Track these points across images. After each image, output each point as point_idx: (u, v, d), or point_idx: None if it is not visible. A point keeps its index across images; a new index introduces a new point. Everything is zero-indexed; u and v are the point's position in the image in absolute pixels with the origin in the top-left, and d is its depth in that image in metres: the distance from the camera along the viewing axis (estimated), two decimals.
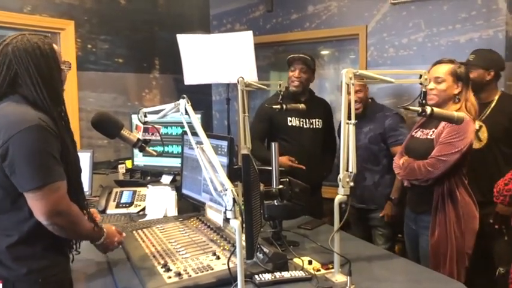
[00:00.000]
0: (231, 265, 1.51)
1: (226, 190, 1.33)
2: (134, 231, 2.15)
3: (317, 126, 3.14)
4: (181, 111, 1.62)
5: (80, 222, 1.52)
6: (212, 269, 1.64)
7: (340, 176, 1.62)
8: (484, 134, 2.74)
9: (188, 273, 1.62)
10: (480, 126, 2.89)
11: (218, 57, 3.87)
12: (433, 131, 2.27)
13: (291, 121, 3.09)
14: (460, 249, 2.18)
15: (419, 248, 2.37)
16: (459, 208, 2.18)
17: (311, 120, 3.12)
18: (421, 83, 1.91)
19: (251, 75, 3.69)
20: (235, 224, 1.31)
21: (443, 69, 2.27)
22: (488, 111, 2.71)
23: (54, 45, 1.54)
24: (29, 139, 1.38)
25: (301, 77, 3.04)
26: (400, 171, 2.35)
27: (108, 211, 2.65)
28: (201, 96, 4.53)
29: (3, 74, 1.46)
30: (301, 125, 3.10)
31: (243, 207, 1.37)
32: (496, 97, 2.77)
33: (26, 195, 1.41)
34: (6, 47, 1.46)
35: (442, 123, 2.21)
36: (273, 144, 2.02)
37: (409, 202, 2.46)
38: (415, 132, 2.41)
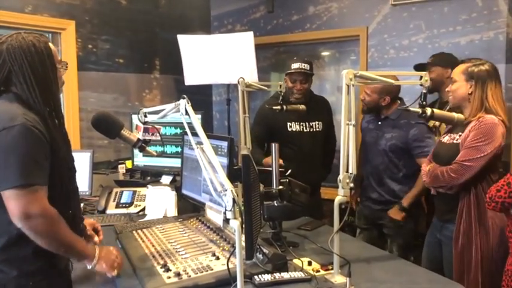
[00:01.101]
0: (230, 266, 1.51)
1: (226, 190, 1.33)
2: (134, 231, 2.15)
3: (317, 129, 3.12)
4: (182, 112, 1.62)
5: (59, 228, 1.42)
6: (212, 270, 1.64)
7: (340, 177, 1.62)
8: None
9: (188, 273, 1.61)
10: (440, 123, 2.89)
11: (219, 57, 3.88)
12: (460, 135, 2.16)
13: (290, 126, 3.06)
14: (487, 262, 2.08)
15: (443, 257, 2.28)
16: (487, 218, 2.08)
17: (311, 124, 3.10)
18: (421, 85, 1.91)
19: (252, 76, 3.69)
20: (235, 224, 1.31)
21: (458, 69, 2.19)
22: (447, 109, 2.56)
23: (50, 44, 1.53)
24: (11, 139, 1.36)
25: (302, 88, 3.00)
26: (425, 178, 2.25)
27: (108, 211, 2.65)
28: (201, 97, 4.53)
29: None
30: (301, 129, 3.08)
31: (242, 207, 1.37)
32: None
33: (2, 194, 1.37)
34: (1, 45, 1.46)
35: (469, 127, 2.10)
36: (273, 145, 2.01)
37: (436, 210, 2.36)
38: (443, 138, 2.30)
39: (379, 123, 2.88)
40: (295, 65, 2.97)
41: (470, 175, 2.06)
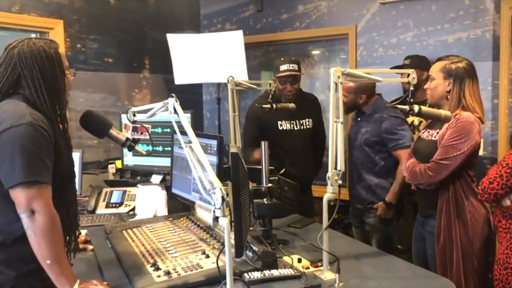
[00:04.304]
0: (220, 263, 1.51)
1: (215, 188, 1.33)
2: (124, 231, 2.14)
3: (307, 127, 3.13)
4: (170, 110, 1.62)
5: (57, 234, 1.42)
6: (201, 268, 1.64)
7: (329, 174, 1.63)
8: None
9: (177, 272, 1.62)
10: (420, 122, 3.00)
11: (208, 56, 3.87)
12: (437, 132, 2.19)
13: (281, 125, 3.06)
14: (468, 256, 2.12)
15: (426, 252, 2.32)
16: (466, 213, 2.11)
17: (301, 121, 3.11)
18: (408, 82, 1.93)
19: (241, 75, 3.69)
20: (224, 222, 1.31)
21: (436, 67, 2.21)
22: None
23: (60, 50, 1.56)
24: (18, 136, 1.38)
25: (293, 89, 2.98)
26: (406, 174, 2.28)
27: (98, 211, 2.64)
28: (191, 96, 4.53)
29: (7, 76, 1.49)
30: (291, 128, 3.09)
31: (231, 205, 1.37)
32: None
33: (10, 192, 1.39)
34: (13, 49, 1.49)
35: (446, 124, 2.12)
36: (262, 143, 2.02)
37: (418, 206, 2.39)
38: (422, 133, 2.34)
39: (358, 119, 2.95)
40: (283, 67, 2.94)
41: (448, 173, 2.09)
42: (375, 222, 2.87)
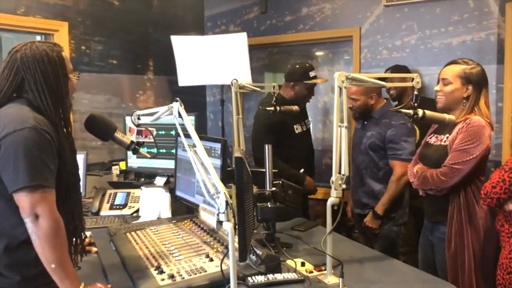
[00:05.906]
0: (224, 267, 1.52)
1: (219, 193, 1.33)
2: (128, 233, 2.14)
3: (309, 127, 3.25)
4: (175, 114, 1.62)
5: (61, 238, 1.41)
6: (205, 271, 1.65)
7: (333, 178, 1.63)
8: (417, 136, 2.90)
9: (181, 275, 1.62)
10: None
11: (212, 58, 3.88)
12: (447, 137, 2.14)
13: (297, 129, 3.09)
14: (480, 262, 2.09)
15: (435, 259, 2.27)
16: (477, 219, 2.09)
17: (305, 121, 3.18)
18: (413, 86, 1.93)
19: (245, 77, 3.70)
20: (228, 226, 1.32)
21: (452, 71, 2.14)
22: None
23: (63, 53, 1.57)
24: (22, 140, 1.38)
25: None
26: (414, 180, 2.24)
27: (102, 213, 2.64)
28: (195, 98, 4.54)
29: (11, 80, 1.49)
30: (302, 130, 3.14)
31: (236, 209, 1.38)
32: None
33: (13, 196, 1.39)
34: (16, 53, 1.50)
35: (456, 129, 2.09)
36: (266, 146, 2.02)
37: (426, 212, 2.35)
38: (430, 138, 2.28)
39: (365, 122, 2.91)
40: (312, 73, 3.02)
41: (460, 178, 2.06)
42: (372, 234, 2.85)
